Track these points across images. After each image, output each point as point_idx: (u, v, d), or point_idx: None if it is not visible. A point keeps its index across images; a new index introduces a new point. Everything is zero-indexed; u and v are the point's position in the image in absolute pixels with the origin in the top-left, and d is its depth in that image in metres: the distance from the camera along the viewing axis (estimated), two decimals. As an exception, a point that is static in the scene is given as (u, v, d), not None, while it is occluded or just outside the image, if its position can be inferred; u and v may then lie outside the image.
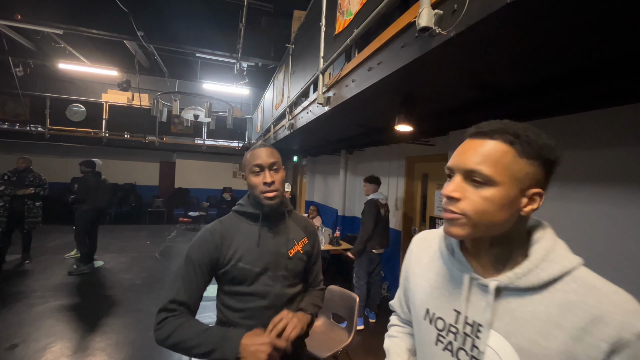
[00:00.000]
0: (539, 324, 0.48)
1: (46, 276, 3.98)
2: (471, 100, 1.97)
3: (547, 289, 0.50)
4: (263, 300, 0.98)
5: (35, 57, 6.73)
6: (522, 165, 0.50)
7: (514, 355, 0.49)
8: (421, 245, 0.72)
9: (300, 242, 1.09)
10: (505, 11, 0.87)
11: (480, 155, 0.51)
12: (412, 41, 1.25)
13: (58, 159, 8.43)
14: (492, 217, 0.50)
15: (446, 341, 0.57)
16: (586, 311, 0.46)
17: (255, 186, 1.00)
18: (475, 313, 0.54)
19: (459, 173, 0.54)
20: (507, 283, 0.51)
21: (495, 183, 0.50)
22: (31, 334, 2.61)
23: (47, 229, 6.70)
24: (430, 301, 0.62)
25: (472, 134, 0.55)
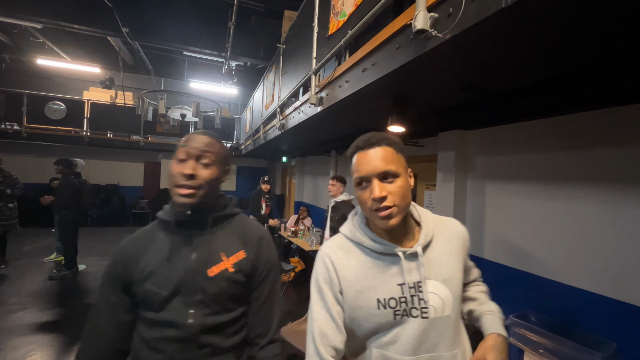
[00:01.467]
0: (444, 257, 0.75)
1: (24, 281, 3.80)
2: (461, 101, 2.02)
3: (434, 235, 0.77)
4: (172, 330, 0.76)
5: (12, 52, 6.43)
6: (400, 157, 0.73)
7: (442, 286, 0.72)
8: (339, 254, 0.77)
9: (233, 256, 0.83)
10: (500, 15, 0.90)
11: (383, 159, 0.70)
12: (408, 43, 1.27)
13: (36, 159, 8.06)
14: (408, 198, 0.72)
15: (401, 310, 0.71)
16: (454, 236, 0.80)
17: (172, 176, 0.80)
18: (412, 276, 0.72)
19: (375, 177, 0.70)
20: (423, 244, 0.74)
21: (399, 174, 0.70)
22: (9, 342, 2.49)
23: (23, 232, 6.39)
24: (377, 291, 0.72)
25: (362, 148, 0.73)
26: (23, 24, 4.85)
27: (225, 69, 6.40)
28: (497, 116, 2.22)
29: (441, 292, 0.72)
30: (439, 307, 0.71)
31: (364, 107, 2.26)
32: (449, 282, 0.73)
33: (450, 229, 0.80)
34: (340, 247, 0.79)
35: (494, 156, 2.44)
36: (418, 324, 0.70)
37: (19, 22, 4.65)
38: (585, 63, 1.34)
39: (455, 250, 0.77)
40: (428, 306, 0.70)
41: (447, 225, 0.81)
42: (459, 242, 0.79)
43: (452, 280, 0.73)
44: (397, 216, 0.69)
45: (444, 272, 0.73)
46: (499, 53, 1.22)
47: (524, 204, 2.20)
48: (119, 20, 4.55)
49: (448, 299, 0.72)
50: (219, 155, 0.86)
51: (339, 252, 0.77)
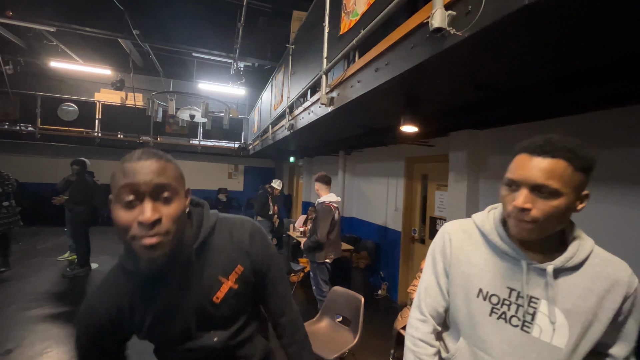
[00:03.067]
0: (578, 291, 0.67)
1: (39, 279, 3.88)
2: (474, 101, 1.99)
3: (582, 265, 0.68)
4: (201, 351, 0.75)
5: (26, 55, 6.58)
6: (578, 177, 0.62)
7: (561, 315, 0.67)
8: (460, 235, 0.81)
9: (233, 273, 0.76)
10: (521, 13, 0.88)
11: (547, 172, 0.62)
12: (423, 42, 1.26)
13: (49, 159, 8.22)
14: (558, 220, 0.64)
15: (500, 312, 0.71)
16: (608, 278, 0.67)
17: (123, 228, 0.59)
18: (531, 289, 0.69)
19: (525, 186, 0.64)
20: (559, 266, 0.67)
21: (561, 194, 0.61)
22: (25, 339, 2.54)
23: (37, 230, 6.55)
24: (482, 281, 0.74)
25: (531, 151, 0.65)
26: (37, 28, 4.96)
27: (233, 69, 6.45)
28: (509, 116, 2.18)
29: (558, 320, 0.66)
30: (547, 331, 0.66)
31: (375, 107, 2.24)
32: (572, 316, 0.66)
33: (609, 269, 0.68)
34: (465, 230, 0.82)
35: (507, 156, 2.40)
36: (515, 333, 0.68)
37: (34, 25, 4.76)
38: (604, 61, 1.30)
39: (599, 293, 0.66)
40: (533, 323, 0.68)
41: (607, 264, 0.69)
42: (611, 287, 0.66)
43: (578, 316, 0.65)
44: (534, 232, 0.64)
45: (569, 302, 0.67)
46: (516, 51, 1.20)
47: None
48: (130, 23, 4.62)
49: (562, 329, 0.66)
50: (177, 180, 0.66)
51: (461, 234, 0.81)
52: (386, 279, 4.04)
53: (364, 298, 2.04)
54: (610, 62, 1.29)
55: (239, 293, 0.77)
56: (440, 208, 3.23)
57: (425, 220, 3.54)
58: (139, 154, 0.64)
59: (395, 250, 3.88)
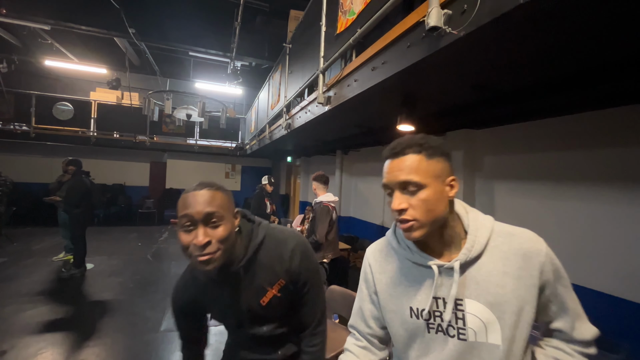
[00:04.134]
0: (494, 278, 0.63)
1: (34, 280, 3.84)
2: (470, 100, 2.00)
3: (487, 249, 0.65)
4: (254, 338, 0.95)
5: (21, 54, 6.51)
6: (434, 164, 0.64)
7: (487, 310, 0.63)
8: (377, 256, 0.80)
9: (276, 285, 0.89)
10: (516, 12, 0.88)
11: (405, 168, 0.64)
12: (419, 41, 1.26)
13: (44, 159, 8.15)
14: (434, 212, 0.63)
15: (435, 325, 0.67)
16: (516, 254, 0.64)
17: (185, 247, 0.75)
18: (448, 292, 0.65)
19: (395, 188, 0.65)
20: (464, 259, 0.65)
21: (424, 185, 0.63)
22: (21, 340, 2.52)
23: (31, 231, 6.49)
24: (410, 299, 0.70)
25: (389, 156, 0.68)
26: (32, 26, 4.92)
27: (230, 69, 6.42)
28: (505, 115, 2.19)
29: (483, 316, 0.63)
30: (480, 332, 0.63)
31: (372, 106, 2.25)
32: (497, 307, 0.62)
33: (514, 244, 0.64)
34: (381, 250, 0.80)
35: (503, 155, 2.42)
36: (454, 344, 0.65)
37: (28, 23, 4.72)
38: (598, 61, 1.32)
39: (515, 272, 0.63)
40: (466, 328, 0.64)
41: (510, 239, 0.65)
42: (524, 262, 0.63)
43: (503, 305, 0.62)
44: (418, 230, 0.63)
45: (490, 294, 0.63)
46: (512, 50, 1.21)
47: (533, 203, 2.17)
48: (126, 21, 4.59)
49: (493, 325, 0.62)
50: (224, 208, 0.78)
51: (378, 255, 0.80)
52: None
53: (361, 297, 2.04)
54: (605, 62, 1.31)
55: (282, 299, 0.91)
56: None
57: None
58: (195, 186, 0.79)
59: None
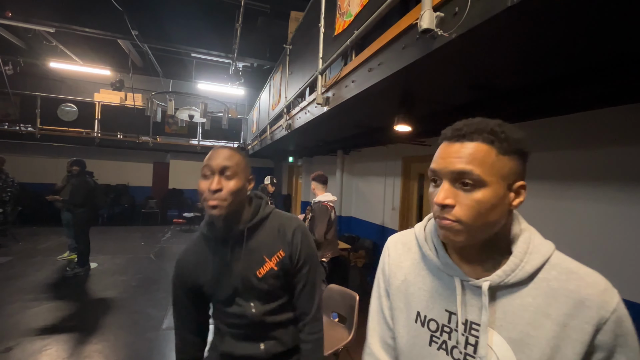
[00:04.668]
0: (528, 315, 0.51)
1: (39, 278, 3.91)
2: (468, 101, 2.01)
3: (532, 280, 0.52)
4: (242, 318, 0.94)
5: (26, 56, 6.61)
6: (505, 161, 0.51)
7: (507, 347, 0.51)
8: (399, 248, 0.70)
9: (275, 257, 0.94)
10: (506, 14, 0.90)
11: (466, 157, 0.51)
12: (414, 42, 1.28)
13: (49, 159, 8.27)
14: (487, 218, 0.51)
15: (440, 341, 0.58)
16: (568, 297, 0.49)
17: (201, 192, 0.88)
18: (469, 313, 0.55)
19: (446, 178, 0.53)
20: (497, 282, 0.53)
21: (485, 183, 0.50)
22: (26, 337, 2.57)
23: (37, 230, 6.58)
24: (420, 303, 0.61)
25: (449, 137, 0.55)
26: (37, 28, 4.99)
27: (232, 70, 6.47)
28: (504, 115, 2.19)
29: (501, 352, 0.52)
30: None
31: (370, 107, 2.27)
32: (521, 348, 0.50)
33: (570, 285, 0.50)
34: (404, 242, 0.70)
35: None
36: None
37: (34, 26, 4.79)
38: (595, 60, 1.33)
39: (560, 318, 0.49)
40: (475, 356, 0.53)
41: (568, 277, 0.51)
42: (576, 310, 0.48)
43: (529, 349, 0.50)
44: (460, 234, 0.52)
45: (517, 330, 0.51)
46: (505, 52, 1.23)
47: (535, 203, 2.18)
48: (129, 24, 4.65)
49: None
50: (239, 166, 0.90)
51: (400, 247, 0.70)
52: (384, 277, 4.06)
53: (361, 296, 2.07)
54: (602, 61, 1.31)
55: (278, 275, 0.94)
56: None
57: (422, 219, 3.55)
58: (220, 146, 0.94)
59: (392, 249, 3.91)
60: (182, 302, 0.99)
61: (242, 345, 0.96)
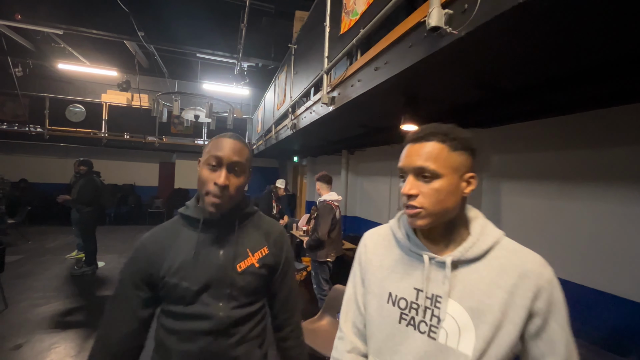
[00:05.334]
0: (483, 286, 0.61)
1: (48, 277, 3.96)
2: (475, 100, 1.99)
3: (486, 257, 0.63)
4: (203, 322, 0.79)
5: (35, 58, 6.71)
6: (455, 157, 0.62)
7: (466, 315, 0.60)
8: (375, 238, 0.79)
9: (258, 253, 0.89)
10: (516, 11, 0.88)
11: (424, 155, 0.62)
12: (421, 41, 1.26)
13: (57, 160, 8.38)
14: (444, 203, 0.62)
15: (409, 317, 0.65)
16: (515, 270, 0.60)
17: (203, 182, 0.80)
18: (434, 287, 0.64)
19: (410, 173, 0.64)
20: (458, 257, 0.63)
21: (440, 175, 0.61)
22: (35, 335, 2.61)
23: (46, 229, 6.68)
24: (392, 284, 0.69)
25: (412, 140, 0.66)
26: (46, 31, 5.06)
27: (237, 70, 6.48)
28: (511, 114, 2.17)
29: (460, 319, 0.60)
30: (453, 335, 0.60)
31: (376, 106, 2.25)
32: (477, 315, 0.59)
33: (514, 260, 0.61)
34: (380, 233, 0.79)
35: (509, 155, 2.39)
36: (422, 341, 0.62)
37: (42, 28, 4.86)
38: (603, 59, 1.30)
39: (507, 287, 0.59)
40: (439, 327, 0.61)
41: (513, 255, 0.63)
42: (519, 281, 0.59)
43: (484, 315, 0.58)
44: (424, 219, 0.62)
45: (474, 299, 0.60)
46: (514, 50, 1.20)
47: (540, 203, 2.14)
48: (135, 25, 4.69)
49: (468, 331, 0.59)
50: (248, 162, 0.87)
51: (375, 237, 0.79)
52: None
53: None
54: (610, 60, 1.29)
55: (258, 274, 0.88)
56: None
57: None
58: (229, 135, 0.86)
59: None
60: (126, 303, 0.81)
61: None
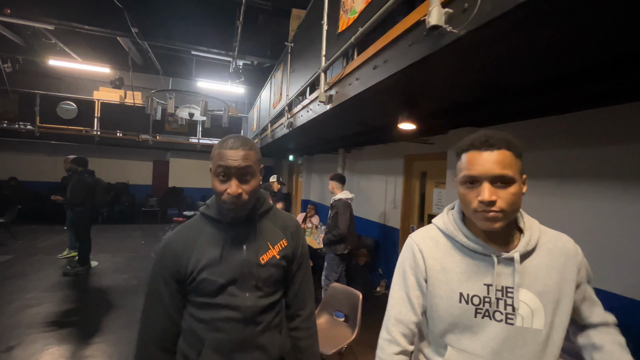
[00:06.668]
0: (543, 271, 0.71)
1: (40, 277, 3.90)
2: (473, 98, 2.00)
3: (537, 246, 0.74)
4: (231, 312, 0.86)
5: (25, 53, 6.57)
6: (519, 162, 0.69)
7: (535, 298, 0.70)
8: (429, 243, 0.81)
9: (277, 245, 0.95)
10: (517, 11, 0.89)
11: (500, 162, 0.67)
12: (421, 39, 1.26)
13: (48, 158, 8.24)
14: (517, 205, 0.69)
15: (484, 310, 0.71)
16: (561, 252, 0.73)
17: (218, 193, 0.85)
18: (503, 280, 0.71)
19: (486, 180, 0.68)
20: (522, 251, 0.71)
21: (514, 181, 0.67)
22: (27, 336, 2.56)
23: (37, 228, 6.56)
24: (461, 286, 0.74)
25: (480, 147, 0.70)
26: (36, 26, 4.95)
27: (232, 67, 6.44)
28: (508, 113, 2.19)
29: (532, 303, 0.70)
30: (527, 317, 0.69)
31: (374, 105, 2.25)
32: (544, 296, 0.70)
33: (558, 244, 0.74)
34: (431, 237, 0.82)
35: (505, 153, 2.42)
36: (502, 328, 0.70)
37: (32, 23, 4.75)
38: (602, 58, 1.31)
39: (559, 267, 0.72)
40: (516, 314, 0.69)
41: (555, 239, 0.75)
42: (566, 260, 0.72)
43: (548, 295, 0.70)
44: (501, 221, 0.67)
45: (539, 284, 0.70)
46: (514, 49, 1.21)
47: (537, 202, 2.17)
48: (129, 21, 4.62)
49: (539, 312, 0.69)
50: (256, 164, 0.88)
51: (429, 241, 0.81)
52: (385, 276, 4.06)
53: (363, 294, 2.06)
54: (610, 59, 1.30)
55: (279, 265, 0.94)
56: (438, 205, 3.25)
57: (424, 218, 3.56)
58: (231, 142, 0.86)
59: (394, 248, 3.90)
60: (159, 298, 0.87)
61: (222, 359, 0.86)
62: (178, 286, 0.88)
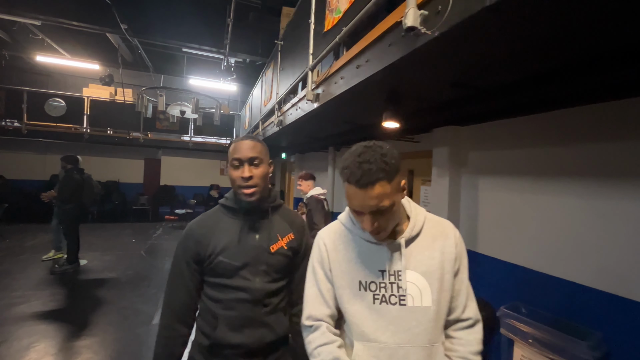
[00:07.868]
0: (426, 252, 0.81)
1: (26, 276, 3.85)
2: (453, 98, 2.05)
3: (421, 231, 0.83)
4: (243, 293, 0.98)
5: (11, 49, 6.45)
6: (395, 183, 0.73)
7: (422, 278, 0.78)
8: (333, 237, 0.89)
9: (286, 237, 1.08)
10: (485, 13, 0.93)
11: (375, 198, 0.70)
12: (399, 40, 1.30)
13: (36, 156, 8.10)
14: (395, 217, 0.77)
15: (380, 295, 0.78)
16: (441, 235, 0.84)
17: (234, 180, 1.00)
18: (394, 265, 0.79)
19: (366, 213, 0.73)
20: (407, 237, 0.81)
21: (392, 205, 0.73)
22: (12, 334, 2.55)
23: (24, 227, 6.47)
24: (359, 273, 0.81)
25: (356, 183, 0.71)
26: (22, 21, 4.87)
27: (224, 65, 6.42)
28: (488, 112, 2.25)
29: (419, 283, 0.78)
30: (417, 297, 0.77)
31: (359, 103, 2.29)
32: (429, 276, 0.78)
33: (439, 228, 0.84)
34: (335, 231, 0.90)
35: (487, 151, 2.48)
36: (396, 310, 0.76)
37: (18, 19, 4.67)
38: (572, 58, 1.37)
39: (440, 248, 0.81)
40: (406, 294, 0.77)
41: (437, 224, 0.85)
42: (446, 240, 0.82)
43: (432, 274, 0.78)
44: (385, 234, 0.77)
45: (423, 265, 0.79)
46: (487, 50, 1.26)
47: (516, 198, 2.24)
48: (118, 17, 4.57)
49: (426, 290, 0.77)
50: (263, 154, 1.04)
51: (333, 235, 0.89)
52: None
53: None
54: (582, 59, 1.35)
55: (286, 255, 1.06)
56: (425, 202, 3.31)
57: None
58: (242, 138, 1.04)
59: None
60: (181, 277, 1.01)
61: (234, 334, 0.97)
62: (198, 267, 1.01)
